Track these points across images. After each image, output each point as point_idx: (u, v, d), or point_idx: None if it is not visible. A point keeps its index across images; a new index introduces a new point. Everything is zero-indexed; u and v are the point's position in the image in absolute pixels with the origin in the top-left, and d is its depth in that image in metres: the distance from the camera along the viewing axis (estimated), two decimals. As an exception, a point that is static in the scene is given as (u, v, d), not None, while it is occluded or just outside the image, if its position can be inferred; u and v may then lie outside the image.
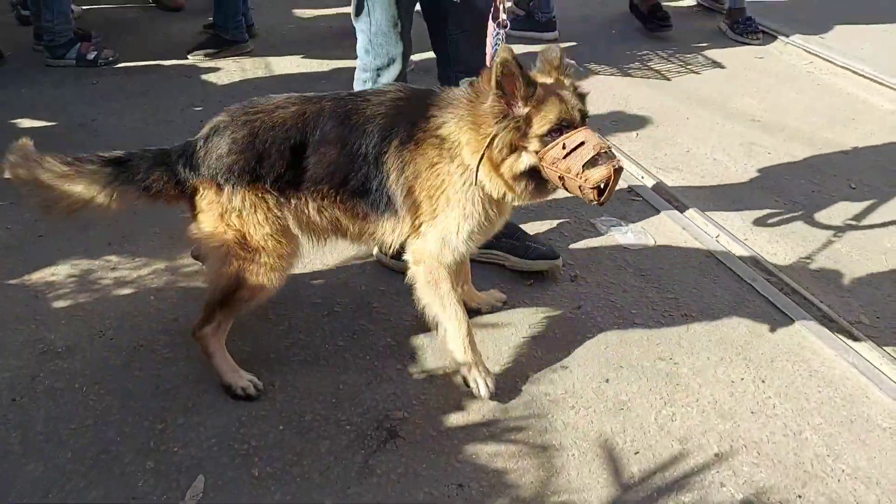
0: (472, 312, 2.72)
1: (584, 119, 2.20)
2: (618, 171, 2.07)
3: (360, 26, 2.86)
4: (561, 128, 2.13)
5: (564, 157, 2.11)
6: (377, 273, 3.04)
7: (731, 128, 4.54)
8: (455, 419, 2.39)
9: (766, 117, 4.66)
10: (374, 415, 2.38)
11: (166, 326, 2.71)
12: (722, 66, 5.43)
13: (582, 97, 2.24)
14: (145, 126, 4.23)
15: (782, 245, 3.39)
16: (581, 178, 2.08)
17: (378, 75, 2.90)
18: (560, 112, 2.14)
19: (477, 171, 2.23)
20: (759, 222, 3.56)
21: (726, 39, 5.92)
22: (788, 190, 3.84)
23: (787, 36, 5.87)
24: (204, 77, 4.92)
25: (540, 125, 2.14)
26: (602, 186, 2.08)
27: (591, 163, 2.07)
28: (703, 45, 5.78)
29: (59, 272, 2.97)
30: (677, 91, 5.02)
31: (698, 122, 4.61)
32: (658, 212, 3.56)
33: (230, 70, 5.01)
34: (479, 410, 2.42)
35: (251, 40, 5.34)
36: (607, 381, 2.56)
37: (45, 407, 2.36)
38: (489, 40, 2.49)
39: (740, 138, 4.39)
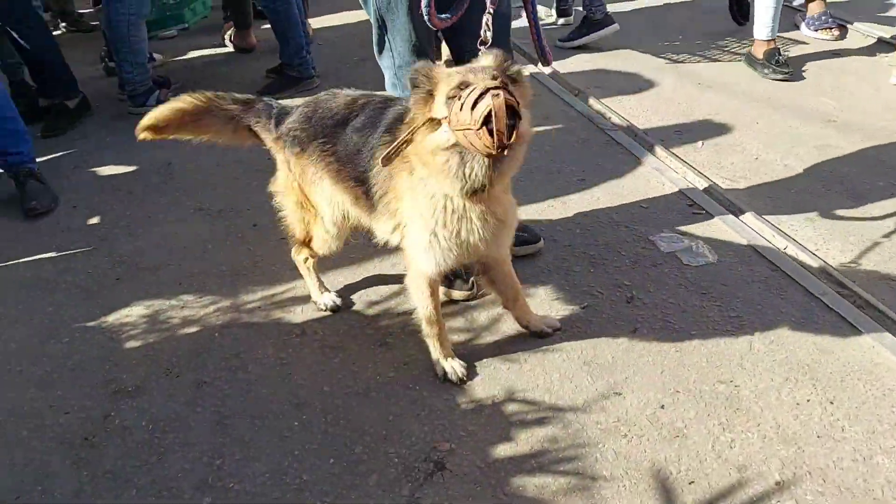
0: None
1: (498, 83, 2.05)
2: (497, 97, 1.91)
3: (385, 63, 2.94)
4: (458, 91, 2.06)
5: (460, 108, 2.01)
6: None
7: (805, 130, 4.33)
8: (503, 450, 2.37)
9: (842, 117, 4.43)
10: (422, 447, 2.40)
11: (228, 363, 2.82)
12: (796, 64, 5.20)
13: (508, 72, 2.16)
14: (217, 167, 4.43)
15: (857, 255, 3.20)
16: (472, 123, 1.96)
17: None
18: (463, 77, 2.07)
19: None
20: (832, 231, 3.38)
21: (801, 35, 5.67)
22: (866, 195, 3.63)
23: (865, 30, 5.56)
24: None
25: (441, 93, 2.11)
26: (485, 116, 1.93)
27: (479, 98, 1.96)
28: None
29: (132, 313, 3.14)
30: (746, 93, 4.84)
31: (769, 125, 4.43)
32: (723, 225, 3.43)
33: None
34: (527, 441, 2.39)
35: (316, 78, 5.51)
36: (662, 407, 2.48)
37: (115, 445, 2.50)
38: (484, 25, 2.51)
39: (814, 141, 4.19)
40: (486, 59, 2.20)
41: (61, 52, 5.03)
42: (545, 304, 2.99)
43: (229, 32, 6.49)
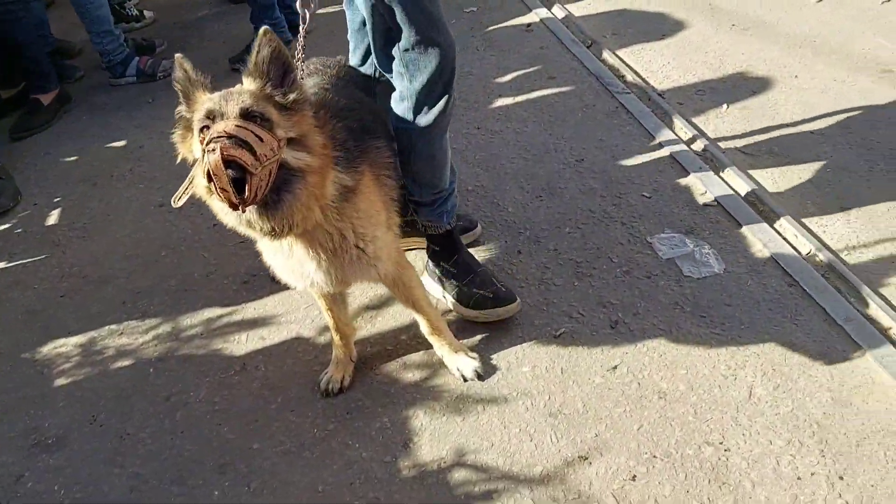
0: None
1: (246, 115, 1.70)
2: (213, 153, 1.57)
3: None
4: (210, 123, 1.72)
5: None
6: (388, 335, 2.68)
7: (853, 84, 3.67)
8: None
9: (900, 66, 3.73)
10: (350, 529, 2.08)
11: (157, 409, 2.53)
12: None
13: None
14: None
15: (899, 260, 2.65)
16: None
17: None
18: (213, 104, 1.72)
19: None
20: (871, 229, 2.81)
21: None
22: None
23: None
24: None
25: (195, 124, 1.76)
26: (207, 176, 1.61)
27: (205, 152, 1.63)
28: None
29: (67, 342, 2.88)
30: (789, 36, 4.16)
31: (809, 79, 3.78)
32: (737, 222, 2.90)
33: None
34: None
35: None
36: (634, 478, 2.07)
37: (22, 516, 2.27)
38: None
39: (861, 99, 3.53)
40: (247, 79, 1.81)
41: (38, 40, 4.60)
42: (516, 328, 2.58)
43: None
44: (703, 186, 3.09)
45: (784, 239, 2.77)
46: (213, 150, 1.57)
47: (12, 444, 2.50)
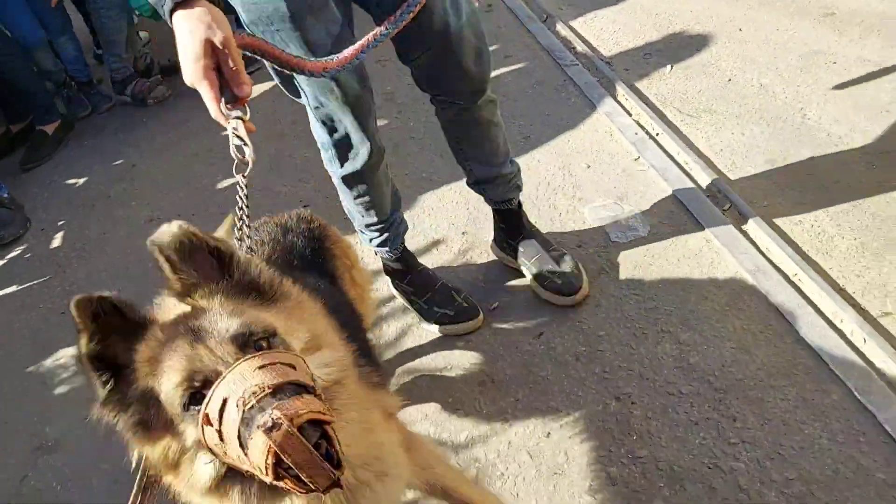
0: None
1: (245, 344, 1.14)
2: (276, 431, 0.96)
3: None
4: (197, 390, 1.12)
5: (221, 437, 1.08)
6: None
7: (793, 33, 3.72)
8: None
9: (844, 6, 3.74)
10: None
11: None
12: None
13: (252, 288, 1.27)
14: (178, 167, 4.35)
15: (807, 205, 2.75)
16: (259, 470, 1.02)
17: None
18: (192, 362, 1.13)
19: None
20: (794, 186, 2.90)
21: None
22: (855, 130, 3.08)
23: None
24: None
25: (169, 400, 1.15)
26: (274, 461, 0.98)
27: (245, 426, 1.02)
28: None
29: (65, 354, 3.20)
30: (737, -10, 4.19)
31: (752, 32, 3.83)
32: (663, 184, 3.03)
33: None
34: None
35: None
36: (548, 435, 2.27)
37: (26, 510, 2.60)
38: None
39: (802, 47, 3.58)
40: (222, 320, 1.18)
41: (34, 76, 4.97)
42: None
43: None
44: (637, 152, 3.21)
45: (708, 197, 2.89)
46: (273, 428, 0.97)
47: (18, 449, 2.83)
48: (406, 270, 2.76)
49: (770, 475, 1.98)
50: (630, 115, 3.47)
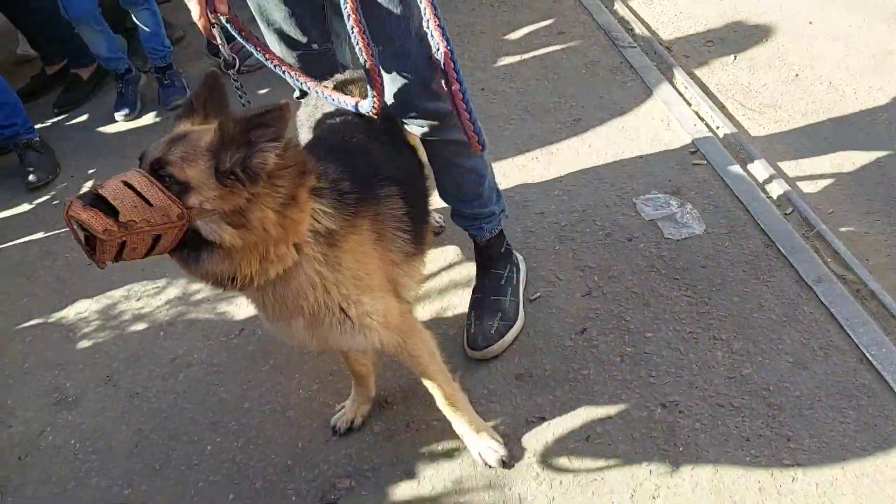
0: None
1: (152, 164, 1.51)
2: (69, 215, 1.42)
3: None
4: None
5: None
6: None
7: (867, 31, 3.52)
8: (403, 490, 2.17)
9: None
10: (322, 483, 2.24)
11: (163, 370, 2.75)
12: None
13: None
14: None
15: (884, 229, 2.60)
16: None
17: None
18: (147, 149, 1.60)
19: None
20: (859, 192, 2.74)
21: None
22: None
23: None
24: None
25: None
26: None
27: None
28: None
29: (90, 307, 3.13)
30: (809, -19, 3.98)
31: (823, 26, 3.63)
32: (722, 180, 2.88)
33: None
34: (431, 480, 2.17)
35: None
36: (588, 438, 2.17)
37: (43, 466, 2.53)
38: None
39: (875, 47, 3.39)
40: (166, 143, 1.56)
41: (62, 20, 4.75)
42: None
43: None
44: (695, 145, 3.06)
45: (766, 195, 2.74)
46: (67, 204, 1.44)
47: (37, 402, 2.77)
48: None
49: None
50: (689, 104, 3.30)
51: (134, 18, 4.31)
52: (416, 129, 2.15)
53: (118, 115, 4.47)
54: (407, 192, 1.97)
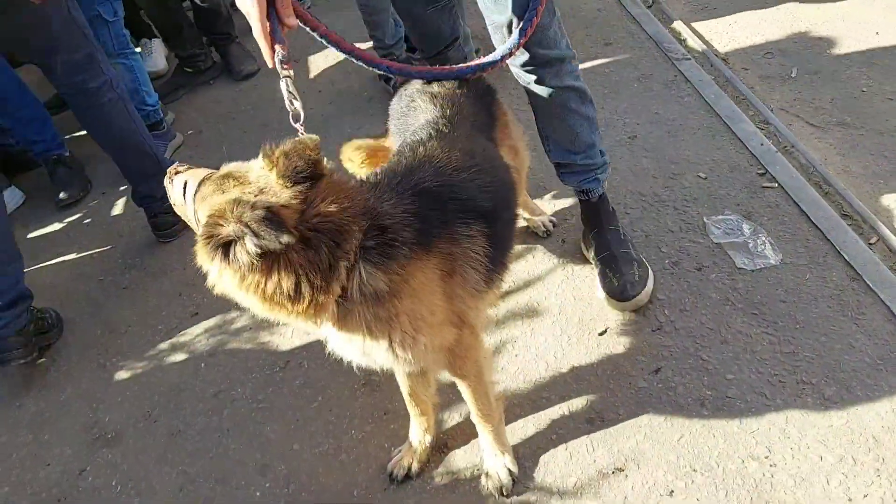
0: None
1: None
2: None
3: None
4: None
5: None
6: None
7: (941, 42, 3.33)
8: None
9: None
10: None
11: (206, 405, 2.62)
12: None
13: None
14: (242, 133, 4.12)
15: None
16: None
17: None
18: None
19: None
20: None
21: None
22: None
23: None
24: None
25: None
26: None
27: None
28: None
29: (128, 335, 3.01)
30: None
31: (891, 37, 3.45)
32: (798, 206, 2.71)
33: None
34: (500, 535, 2.03)
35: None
36: (671, 493, 2.00)
37: (82, 510, 2.41)
38: None
39: (950, 60, 3.21)
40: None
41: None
42: (554, 325, 2.51)
43: None
44: (764, 166, 2.89)
45: (850, 226, 2.57)
46: None
47: (76, 439, 2.64)
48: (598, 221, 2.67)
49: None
50: (753, 122, 3.13)
51: None
52: (536, 75, 2.26)
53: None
54: (495, 227, 1.86)
